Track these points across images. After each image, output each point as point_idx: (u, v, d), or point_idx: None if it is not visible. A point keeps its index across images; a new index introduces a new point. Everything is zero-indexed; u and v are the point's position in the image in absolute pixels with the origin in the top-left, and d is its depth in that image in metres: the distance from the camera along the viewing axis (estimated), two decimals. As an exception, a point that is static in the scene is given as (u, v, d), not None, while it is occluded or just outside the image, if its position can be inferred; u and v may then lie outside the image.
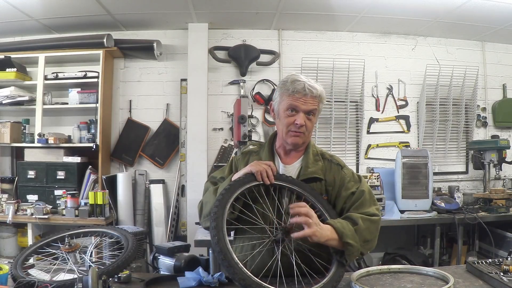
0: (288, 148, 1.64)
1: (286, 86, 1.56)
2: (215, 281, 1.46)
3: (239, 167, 1.65)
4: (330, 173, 1.62)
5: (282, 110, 1.57)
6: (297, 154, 1.65)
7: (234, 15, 3.79)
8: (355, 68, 4.05)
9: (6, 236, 3.67)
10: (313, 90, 1.54)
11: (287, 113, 1.55)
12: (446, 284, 1.37)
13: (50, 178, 3.64)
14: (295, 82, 1.55)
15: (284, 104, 1.56)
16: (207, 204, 1.55)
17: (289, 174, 1.60)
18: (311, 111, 1.55)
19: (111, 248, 1.92)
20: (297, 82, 1.55)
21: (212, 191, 1.57)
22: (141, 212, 3.92)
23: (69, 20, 3.71)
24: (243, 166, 1.62)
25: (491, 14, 3.58)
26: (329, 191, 1.61)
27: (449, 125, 4.20)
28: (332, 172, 1.62)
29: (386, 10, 3.60)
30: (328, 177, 1.61)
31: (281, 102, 1.58)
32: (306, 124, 1.55)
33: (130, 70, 4.10)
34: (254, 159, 1.64)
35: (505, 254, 3.17)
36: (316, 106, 1.56)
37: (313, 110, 1.56)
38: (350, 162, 4.11)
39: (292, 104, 1.54)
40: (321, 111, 1.64)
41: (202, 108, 3.86)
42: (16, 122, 3.76)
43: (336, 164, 1.64)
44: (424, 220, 3.50)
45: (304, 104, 1.53)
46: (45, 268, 1.62)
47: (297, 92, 1.53)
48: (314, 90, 1.54)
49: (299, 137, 1.57)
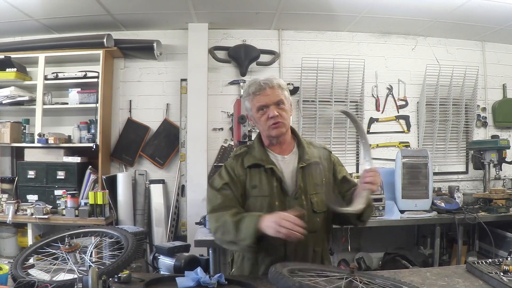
0: (275, 142, 1.71)
1: (247, 92, 1.69)
2: (214, 282, 1.45)
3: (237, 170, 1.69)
4: (324, 158, 1.74)
5: (255, 113, 1.68)
6: (289, 147, 1.74)
7: (234, 15, 3.79)
8: (355, 68, 4.05)
9: (6, 236, 3.67)
10: (268, 83, 1.65)
11: (260, 113, 1.66)
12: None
13: (50, 178, 3.64)
14: (251, 85, 1.68)
15: (254, 108, 1.67)
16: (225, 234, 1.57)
17: (288, 164, 1.69)
18: (279, 100, 1.64)
19: (111, 248, 1.92)
20: (252, 84, 1.68)
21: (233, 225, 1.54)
22: (141, 212, 3.92)
23: (69, 20, 3.71)
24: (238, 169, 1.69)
25: (491, 14, 3.58)
26: (326, 175, 1.72)
27: (449, 125, 4.20)
28: (324, 157, 1.74)
29: (386, 10, 3.60)
30: (324, 162, 1.72)
31: (252, 108, 1.69)
32: (280, 113, 1.63)
33: (130, 70, 4.09)
34: (249, 160, 1.69)
35: (505, 254, 3.17)
36: (280, 95, 1.65)
37: (279, 100, 1.64)
38: (350, 162, 4.11)
39: (259, 104, 1.65)
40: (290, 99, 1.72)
41: (202, 108, 3.86)
42: (16, 122, 3.76)
43: (326, 149, 1.79)
44: (424, 220, 3.49)
45: (269, 97, 1.63)
46: (45, 268, 1.62)
47: (256, 91, 1.65)
48: (269, 82, 1.65)
49: (279, 127, 1.64)
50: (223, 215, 1.59)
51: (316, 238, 1.66)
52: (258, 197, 1.65)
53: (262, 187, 1.64)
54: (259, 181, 1.65)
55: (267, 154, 1.71)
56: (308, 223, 1.56)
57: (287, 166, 1.69)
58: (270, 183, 1.64)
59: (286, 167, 1.68)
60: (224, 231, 1.57)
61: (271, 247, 1.59)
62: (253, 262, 1.67)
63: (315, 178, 1.67)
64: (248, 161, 1.69)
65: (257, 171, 1.67)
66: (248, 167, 1.68)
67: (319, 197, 1.66)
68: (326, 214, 1.69)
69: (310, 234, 1.58)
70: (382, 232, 3.89)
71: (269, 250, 1.60)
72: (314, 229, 1.62)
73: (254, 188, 1.65)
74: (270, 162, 1.67)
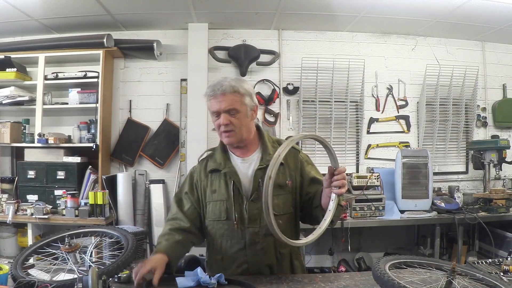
0: (233, 147, 1.69)
1: (205, 92, 1.63)
2: (214, 282, 1.45)
3: (199, 175, 1.72)
4: (290, 158, 1.69)
5: (211, 116, 1.64)
6: (253, 147, 1.70)
7: (234, 15, 3.79)
8: (355, 68, 4.05)
9: (6, 236, 3.67)
10: (220, 88, 1.56)
11: (214, 118, 1.62)
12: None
13: (50, 178, 3.64)
14: (209, 87, 1.62)
15: (210, 111, 1.63)
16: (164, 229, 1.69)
17: (247, 165, 1.66)
18: (230, 109, 1.57)
19: (111, 248, 1.92)
20: (210, 86, 1.62)
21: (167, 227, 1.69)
22: (141, 212, 3.92)
23: (69, 20, 3.71)
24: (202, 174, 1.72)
25: (491, 14, 3.58)
26: (292, 175, 1.68)
27: (449, 125, 4.20)
28: (291, 157, 1.69)
29: (386, 10, 3.60)
30: (289, 162, 1.68)
31: (208, 109, 1.64)
32: (232, 122, 1.58)
33: (130, 70, 4.09)
34: (210, 165, 1.71)
35: (505, 254, 3.16)
36: (234, 102, 1.56)
37: (234, 108, 1.57)
38: (350, 162, 4.11)
39: (211, 110, 1.61)
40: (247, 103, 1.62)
41: (202, 108, 3.85)
42: (16, 122, 3.76)
43: (293, 149, 1.70)
44: (424, 220, 3.50)
45: (221, 104, 1.57)
46: (45, 268, 1.61)
47: (210, 96, 1.59)
48: (221, 88, 1.56)
49: (230, 136, 1.61)
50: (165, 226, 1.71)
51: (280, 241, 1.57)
52: (217, 202, 1.66)
53: (220, 191, 1.65)
54: (218, 185, 1.66)
55: (228, 157, 1.70)
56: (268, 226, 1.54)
57: (247, 168, 1.67)
58: (228, 187, 1.64)
59: (246, 169, 1.67)
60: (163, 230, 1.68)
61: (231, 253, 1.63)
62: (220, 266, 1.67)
63: (277, 179, 1.55)
64: (209, 166, 1.70)
65: (217, 175, 1.68)
66: (210, 172, 1.69)
67: (281, 199, 1.63)
68: (291, 215, 1.68)
69: (272, 237, 1.55)
70: (382, 232, 3.90)
71: (230, 256, 1.63)
72: None
73: (214, 193, 1.67)
74: (228, 166, 1.66)
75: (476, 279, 1.37)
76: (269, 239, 1.61)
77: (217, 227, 1.67)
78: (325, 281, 1.52)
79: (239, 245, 1.63)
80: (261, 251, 1.62)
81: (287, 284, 1.49)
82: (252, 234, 1.62)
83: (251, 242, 1.61)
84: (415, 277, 1.37)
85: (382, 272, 1.28)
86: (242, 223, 1.62)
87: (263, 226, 1.59)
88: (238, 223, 1.61)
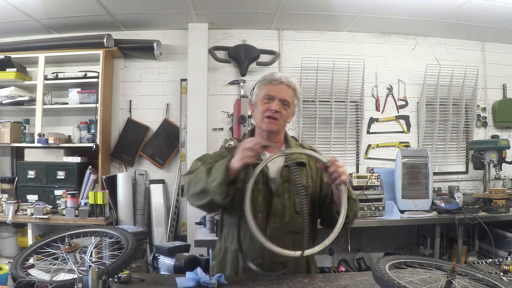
0: (265, 137, 1.69)
1: (264, 78, 1.71)
2: (214, 282, 1.45)
3: None
4: (312, 160, 1.71)
5: (259, 99, 1.68)
6: (279, 144, 1.71)
7: (234, 15, 3.78)
8: (355, 68, 4.05)
9: (6, 236, 3.67)
10: (289, 80, 1.67)
11: (264, 101, 1.65)
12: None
13: (50, 178, 3.64)
14: (271, 74, 1.70)
15: (261, 93, 1.67)
16: (197, 183, 1.55)
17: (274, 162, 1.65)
18: (286, 100, 1.64)
19: (111, 248, 1.92)
20: (274, 73, 1.70)
21: (205, 170, 1.55)
22: (141, 212, 3.92)
23: (69, 20, 3.71)
24: None
25: (491, 14, 3.58)
26: (313, 178, 1.71)
27: (449, 125, 4.20)
28: (314, 160, 1.70)
29: (386, 10, 3.60)
30: (311, 164, 1.71)
31: (259, 93, 1.69)
32: (281, 111, 1.64)
33: (130, 70, 4.09)
34: None
35: (505, 254, 3.16)
36: (290, 97, 1.66)
37: (288, 100, 1.65)
38: (350, 162, 4.11)
39: (268, 93, 1.65)
40: (296, 107, 1.73)
41: (202, 108, 3.86)
42: (16, 122, 3.76)
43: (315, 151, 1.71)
44: (424, 220, 3.49)
45: (280, 92, 1.64)
46: (45, 268, 1.61)
47: (272, 80, 1.65)
48: (287, 81, 1.66)
49: (273, 123, 1.64)
50: (197, 170, 1.60)
51: (298, 240, 1.58)
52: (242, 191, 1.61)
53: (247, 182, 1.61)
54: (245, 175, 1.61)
55: None
56: (290, 223, 1.60)
57: (273, 164, 1.67)
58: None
59: (272, 165, 1.66)
60: (196, 181, 1.55)
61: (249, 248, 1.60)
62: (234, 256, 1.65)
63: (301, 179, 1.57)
64: None
65: None
66: None
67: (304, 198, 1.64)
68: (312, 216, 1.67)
69: (292, 235, 1.59)
70: (382, 232, 3.89)
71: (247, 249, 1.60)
72: (295, 230, 1.61)
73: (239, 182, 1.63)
74: (258, 158, 1.64)
75: (476, 279, 1.37)
76: (289, 237, 1.60)
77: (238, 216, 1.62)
78: (325, 281, 1.52)
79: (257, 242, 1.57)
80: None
81: (287, 284, 1.49)
82: (274, 229, 1.61)
83: (271, 238, 1.56)
84: (415, 277, 1.37)
85: (382, 272, 1.28)
86: (265, 217, 1.62)
87: (285, 223, 1.61)
88: (262, 216, 1.61)
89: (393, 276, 1.24)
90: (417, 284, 1.31)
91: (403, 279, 1.29)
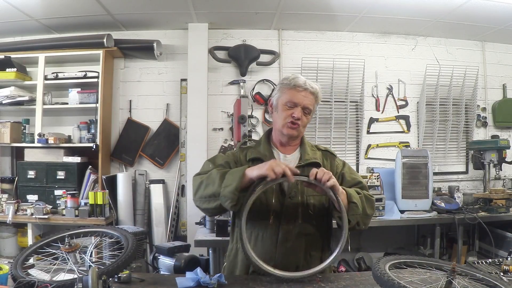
0: (284, 141, 1.72)
1: (288, 80, 1.67)
2: (214, 282, 1.45)
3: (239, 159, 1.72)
4: (327, 161, 1.74)
5: (281, 103, 1.67)
6: (293, 147, 1.75)
7: (234, 15, 3.78)
8: (355, 68, 4.05)
9: (6, 236, 3.67)
10: (313, 86, 1.67)
11: (286, 106, 1.65)
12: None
13: (50, 178, 3.64)
14: (297, 78, 1.68)
15: (284, 98, 1.66)
16: (209, 186, 1.55)
17: (289, 163, 1.67)
18: (307, 107, 1.65)
19: (111, 248, 1.92)
20: (298, 78, 1.68)
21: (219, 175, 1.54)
22: (141, 212, 3.92)
23: (69, 20, 3.71)
24: (242, 159, 1.70)
25: (491, 14, 3.58)
26: None
27: (449, 125, 4.20)
28: (328, 160, 1.74)
29: (386, 10, 3.60)
30: (326, 165, 1.72)
31: (281, 96, 1.68)
32: (302, 118, 1.65)
33: (130, 70, 4.09)
34: (253, 153, 1.71)
35: (505, 254, 3.16)
36: (312, 104, 1.67)
37: (310, 108, 1.66)
38: (350, 162, 4.02)
39: (291, 99, 1.64)
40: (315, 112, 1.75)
41: (202, 108, 3.86)
42: (16, 122, 3.76)
43: (330, 153, 1.78)
44: (424, 220, 3.49)
45: (303, 100, 1.64)
46: (45, 268, 1.61)
47: (298, 85, 1.64)
48: (313, 86, 1.67)
49: (295, 129, 1.65)
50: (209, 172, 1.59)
51: (312, 241, 1.63)
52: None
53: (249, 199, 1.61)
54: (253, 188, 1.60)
55: (271, 150, 1.72)
56: (302, 225, 1.59)
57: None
58: None
59: None
60: (208, 183, 1.54)
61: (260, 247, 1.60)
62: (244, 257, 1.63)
63: None
64: (252, 154, 1.70)
65: None
66: (251, 160, 1.68)
67: (317, 199, 1.65)
68: (325, 218, 1.68)
69: (305, 237, 1.60)
70: (382, 232, 3.89)
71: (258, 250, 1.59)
72: (308, 231, 1.62)
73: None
74: (273, 158, 1.66)
75: (476, 279, 1.37)
76: (301, 239, 1.60)
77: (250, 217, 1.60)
78: (325, 281, 1.52)
79: (270, 240, 1.61)
80: (291, 250, 1.60)
81: (287, 284, 1.49)
82: (286, 231, 1.60)
83: (283, 240, 1.59)
84: (415, 277, 1.37)
85: (382, 272, 1.28)
86: (277, 219, 1.61)
87: (298, 225, 1.61)
88: (274, 218, 1.61)
89: (393, 276, 1.24)
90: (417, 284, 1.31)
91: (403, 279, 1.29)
